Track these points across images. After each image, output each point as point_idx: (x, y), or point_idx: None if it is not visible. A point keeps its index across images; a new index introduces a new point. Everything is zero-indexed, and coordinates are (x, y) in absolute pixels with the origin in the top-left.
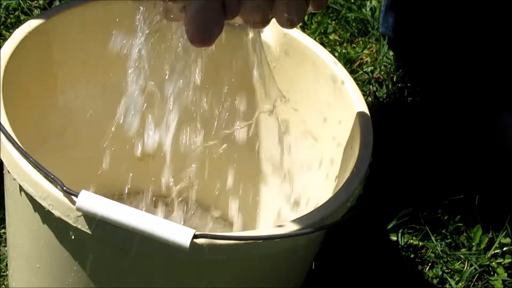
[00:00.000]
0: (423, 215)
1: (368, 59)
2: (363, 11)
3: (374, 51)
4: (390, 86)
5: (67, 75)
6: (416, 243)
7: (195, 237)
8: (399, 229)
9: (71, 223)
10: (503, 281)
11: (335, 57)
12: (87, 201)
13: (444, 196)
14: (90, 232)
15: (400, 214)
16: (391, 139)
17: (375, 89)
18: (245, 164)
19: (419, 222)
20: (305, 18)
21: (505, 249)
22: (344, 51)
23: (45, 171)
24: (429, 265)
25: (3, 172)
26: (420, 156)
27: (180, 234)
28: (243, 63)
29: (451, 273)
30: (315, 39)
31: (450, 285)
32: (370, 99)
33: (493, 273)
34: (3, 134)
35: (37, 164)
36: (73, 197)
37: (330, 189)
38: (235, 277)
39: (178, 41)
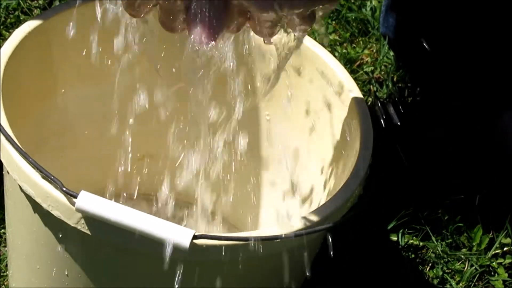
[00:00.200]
0: (423, 215)
1: (368, 59)
2: (363, 11)
3: (374, 51)
4: (390, 86)
5: (67, 75)
6: (416, 243)
7: (195, 237)
8: (399, 229)
9: (71, 223)
10: (504, 281)
11: (335, 57)
12: (87, 201)
13: (444, 196)
14: (89, 232)
15: (400, 214)
16: (391, 139)
17: (375, 89)
18: (246, 164)
19: (420, 222)
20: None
21: (505, 249)
22: (344, 51)
23: (45, 171)
24: (430, 265)
25: (3, 172)
26: (420, 156)
27: (180, 234)
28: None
29: (451, 273)
30: (315, 39)
31: (450, 285)
32: (370, 99)
33: (493, 273)
34: (2, 134)
35: (36, 164)
36: (73, 198)
37: (330, 190)
38: (235, 277)
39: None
